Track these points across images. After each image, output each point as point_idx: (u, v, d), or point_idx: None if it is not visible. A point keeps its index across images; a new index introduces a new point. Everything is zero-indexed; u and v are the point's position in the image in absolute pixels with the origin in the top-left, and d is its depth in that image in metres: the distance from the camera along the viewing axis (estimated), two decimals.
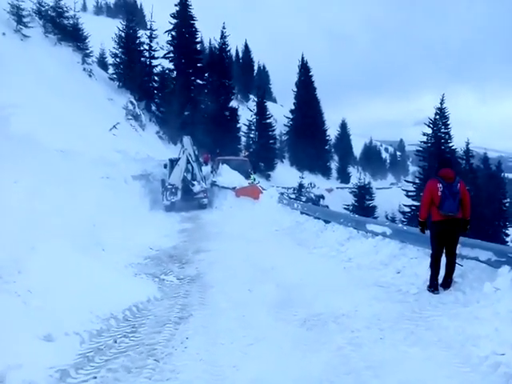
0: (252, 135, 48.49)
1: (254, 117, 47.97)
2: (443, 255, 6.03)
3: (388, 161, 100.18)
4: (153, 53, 33.39)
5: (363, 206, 37.15)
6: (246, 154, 26.46)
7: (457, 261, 6.09)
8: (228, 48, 44.39)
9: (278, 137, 61.21)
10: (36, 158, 8.94)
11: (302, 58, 59.79)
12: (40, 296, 4.92)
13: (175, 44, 37.90)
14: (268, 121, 49.15)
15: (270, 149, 48.81)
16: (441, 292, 5.93)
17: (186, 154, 18.70)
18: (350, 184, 51.79)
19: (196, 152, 19.92)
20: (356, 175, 61.72)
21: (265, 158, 47.53)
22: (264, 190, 20.23)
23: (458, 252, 6.44)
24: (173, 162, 19.34)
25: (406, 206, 44.04)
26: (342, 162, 65.07)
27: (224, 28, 42.60)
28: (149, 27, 33.72)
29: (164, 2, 37.37)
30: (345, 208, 37.56)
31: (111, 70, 33.22)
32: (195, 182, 19.15)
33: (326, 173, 61.04)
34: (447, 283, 5.98)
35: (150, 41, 33.25)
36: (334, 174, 63.42)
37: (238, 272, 7.62)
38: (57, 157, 11.01)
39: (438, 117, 39.02)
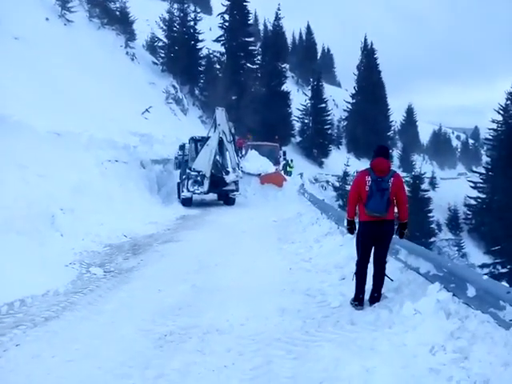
0: (306, 120, 47.08)
1: (309, 101, 46.45)
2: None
3: (459, 149, 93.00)
4: (197, 36, 33.08)
5: (417, 196, 34.56)
6: (277, 138, 25.43)
7: (387, 273, 4.97)
8: (283, 30, 43.04)
9: (337, 122, 59.20)
10: (3, 138, 8.84)
11: (365, 40, 56.97)
12: None
13: (227, 27, 37.46)
14: (323, 105, 47.38)
15: (324, 134, 47.21)
16: (365, 308, 4.87)
17: (218, 131, 14.28)
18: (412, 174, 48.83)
19: (233, 130, 15.22)
20: (422, 164, 58.23)
21: (318, 144, 46.06)
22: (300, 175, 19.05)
23: (404, 260, 5.32)
24: (197, 143, 15.61)
25: (471, 198, 40.68)
26: (406, 149, 61.42)
27: (279, 10, 41.37)
28: (193, 9, 33.37)
29: None
30: None
31: (161, 54, 33.41)
32: (230, 169, 14.94)
33: None
34: (373, 298, 4.88)
35: (195, 23, 32.96)
36: (396, 162, 60.08)
37: (176, 268, 7.00)
38: (44, 138, 10.93)
39: (509, 102, 35.29)
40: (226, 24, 37.12)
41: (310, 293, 5.55)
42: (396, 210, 4.89)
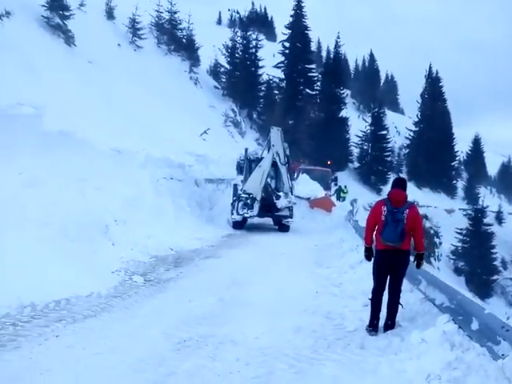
0: (365, 146, 46.68)
1: (368, 127, 46.12)
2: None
3: None
4: (257, 62, 34.24)
5: (479, 231, 32.96)
6: (329, 164, 25.55)
7: (408, 303, 5.09)
8: (343, 57, 43.48)
9: (398, 149, 58.09)
10: (65, 153, 9.78)
11: (430, 68, 55.97)
12: None
13: (287, 54, 38.44)
14: (383, 132, 46.83)
15: (383, 161, 46.51)
16: (379, 334, 5.00)
17: (272, 152, 13.59)
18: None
19: (287, 151, 14.41)
20: (488, 197, 55.49)
21: (377, 170, 45.41)
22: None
23: (424, 291, 5.40)
24: (251, 163, 14.81)
25: None
26: (472, 181, 58.79)
27: (338, 38, 41.96)
28: (255, 37, 34.66)
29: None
30: (457, 232, 33.94)
31: (223, 78, 34.87)
32: (281, 194, 14.13)
33: (450, 191, 55.87)
34: (387, 325, 5.00)
35: (256, 51, 34.19)
36: (461, 193, 57.67)
37: (210, 282, 7.44)
38: (104, 155, 11.92)
39: None
40: (287, 51, 38.09)
41: (330, 316, 5.74)
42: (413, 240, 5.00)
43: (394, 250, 4.84)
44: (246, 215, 13.72)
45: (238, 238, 13.14)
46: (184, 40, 29.52)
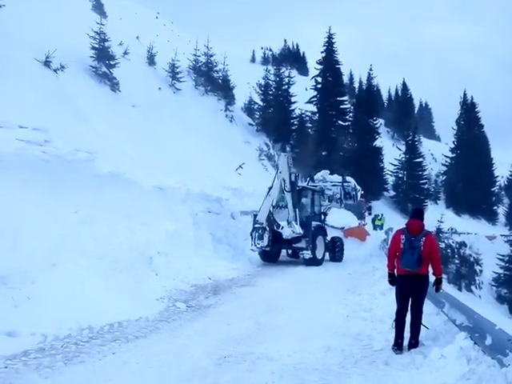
0: (401, 175, 46.47)
1: (403, 156, 46.04)
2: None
3: None
4: (290, 98, 35.36)
5: None
6: (362, 193, 25.70)
7: (423, 322, 5.46)
8: (376, 88, 44.13)
9: (435, 176, 57.34)
10: (114, 192, 10.73)
11: (464, 95, 55.67)
12: (35, 303, 6.19)
13: (319, 88, 39.43)
14: (419, 160, 46.60)
15: (419, 189, 46.08)
16: (404, 352, 5.37)
17: (280, 179, 13.42)
18: None
19: (295, 177, 13.88)
20: None
21: (413, 198, 44.90)
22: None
23: (447, 313, 5.75)
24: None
25: None
26: None
27: (371, 70, 42.79)
28: (287, 75, 35.88)
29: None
30: (499, 259, 32.93)
31: (257, 115, 36.09)
32: (283, 223, 13.52)
33: (490, 218, 54.29)
34: (411, 344, 5.38)
35: (288, 87, 35.38)
36: (502, 219, 55.87)
37: (247, 308, 7.97)
38: (148, 192, 12.84)
39: None
40: (319, 86, 39.09)
41: (359, 337, 6.15)
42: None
43: (413, 274, 5.28)
44: (258, 246, 13.26)
45: (272, 268, 13.61)
46: (220, 80, 31.05)
